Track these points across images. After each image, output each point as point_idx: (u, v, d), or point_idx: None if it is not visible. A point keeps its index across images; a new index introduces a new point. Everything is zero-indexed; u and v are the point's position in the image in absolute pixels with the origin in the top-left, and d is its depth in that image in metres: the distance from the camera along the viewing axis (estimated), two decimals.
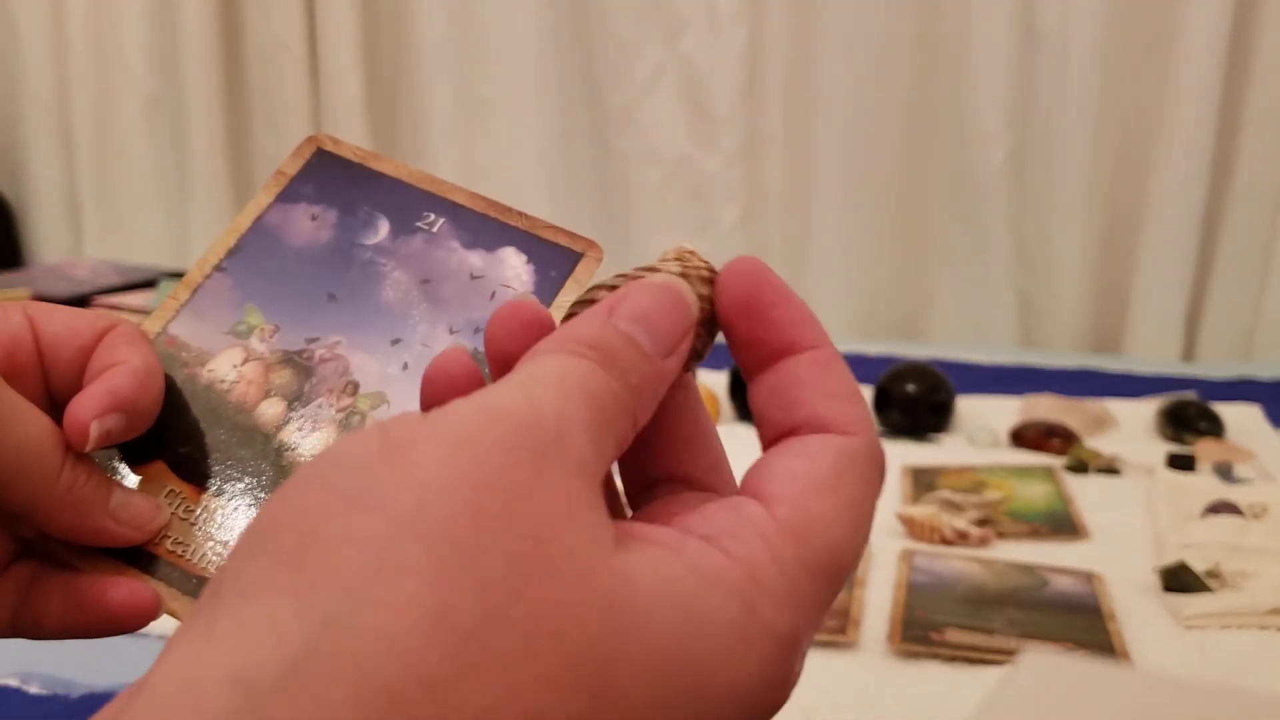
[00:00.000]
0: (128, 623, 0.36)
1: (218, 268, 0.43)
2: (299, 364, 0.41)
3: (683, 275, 0.30)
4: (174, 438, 0.39)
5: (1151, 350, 1.68)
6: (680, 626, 0.23)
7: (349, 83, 1.97)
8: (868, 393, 1.22)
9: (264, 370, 0.41)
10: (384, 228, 0.44)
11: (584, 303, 0.30)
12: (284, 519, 0.22)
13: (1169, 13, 1.62)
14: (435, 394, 0.29)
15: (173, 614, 0.36)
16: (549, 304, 0.41)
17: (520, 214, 0.46)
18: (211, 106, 2.05)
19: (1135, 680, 0.30)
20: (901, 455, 1.10)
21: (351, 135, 1.98)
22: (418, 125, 1.97)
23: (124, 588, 0.36)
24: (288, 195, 0.45)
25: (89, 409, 0.35)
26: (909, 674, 0.69)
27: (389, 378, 0.41)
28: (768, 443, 0.29)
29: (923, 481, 1.02)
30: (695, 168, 1.86)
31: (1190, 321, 1.71)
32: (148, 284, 1.51)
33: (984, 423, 1.17)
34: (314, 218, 0.44)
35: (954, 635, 0.72)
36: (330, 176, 0.45)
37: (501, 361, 0.29)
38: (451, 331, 0.42)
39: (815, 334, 0.30)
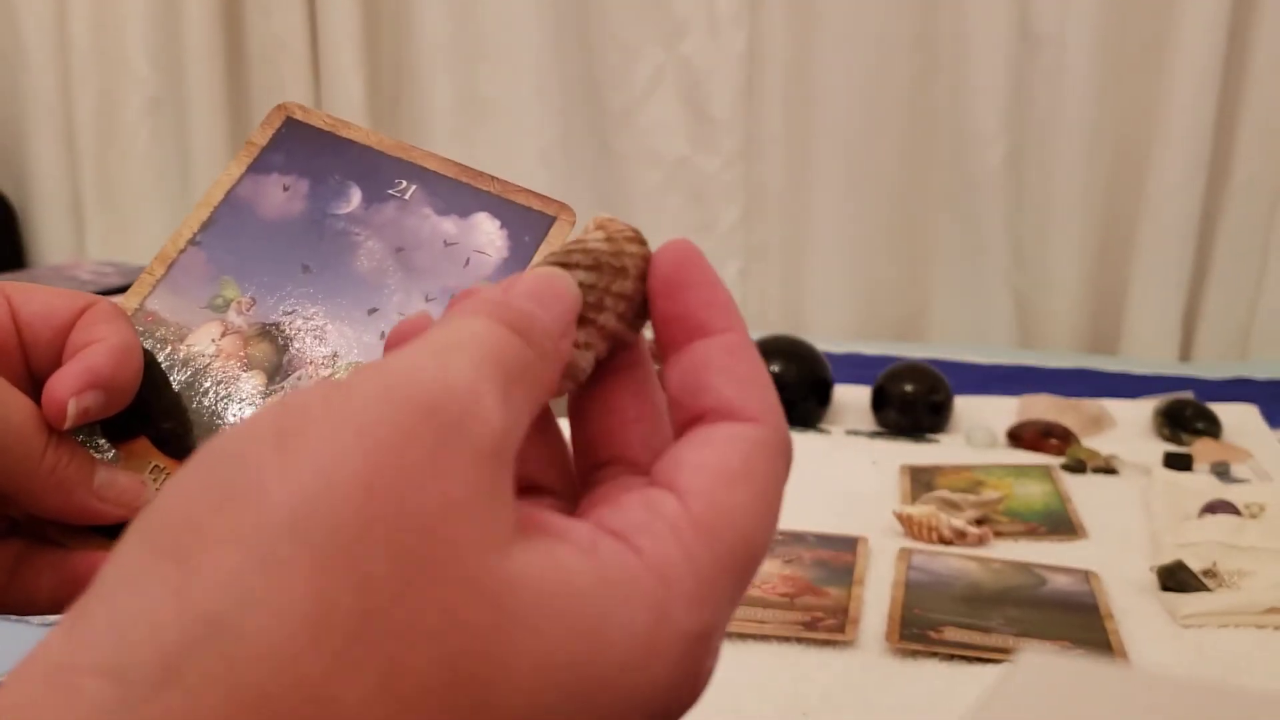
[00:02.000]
0: None
1: (192, 242, 0.43)
2: (276, 336, 0.41)
3: (608, 239, 0.30)
4: (156, 413, 0.39)
5: (1148, 350, 1.68)
6: (576, 634, 0.22)
7: (350, 83, 1.97)
8: (866, 392, 1.22)
9: (242, 343, 0.41)
10: (356, 196, 0.43)
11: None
12: (171, 510, 0.22)
13: (1165, 14, 1.62)
14: None
15: None
16: (524, 268, 0.40)
17: (492, 178, 0.46)
18: (214, 107, 2.06)
19: (1132, 679, 0.31)
20: (899, 455, 1.11)
21: None
22: (418, 126, 1.97)
23: None
24: (259, 166, 0.44)
25: (67, 386, 0.35)
26: (907, 672, 0.69)
27: (367, 346, 0.41)
28: (678, 425, 0.29)
29: (920, 481, 1.03)
30: (695, 169, 1.86)
31: (1187, 322, 1.71)
32: None
33: (981, 422, 1.18)
34: (286, 188, 0.44)
35: (952, 634, 0.73)
36: (301, 145, 0.44)
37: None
38: (427, 300, 0.41)
39: (730, 319, 0.30)
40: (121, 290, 1.35)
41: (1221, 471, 1.06)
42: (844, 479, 1.04)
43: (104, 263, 1.69)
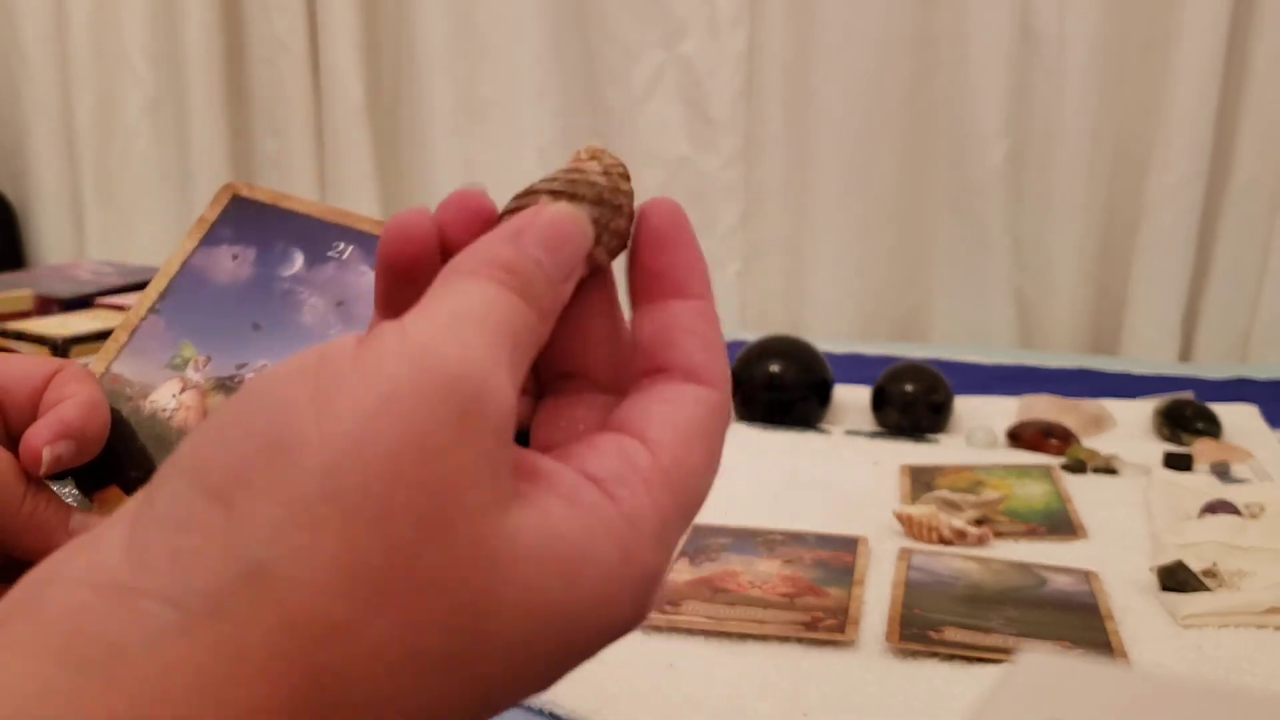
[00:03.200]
0: None
1: (152, 310, 0.48)
2: (231, 388, 0.47)
3: (604, 173, 0.33)
4: (125, 463, 0.44)
5: (1149, 351, 1.69)
6: (559, 578, 0.26)
7: (350, 84, 1.97)
8: (866, 392, 1.22)
9: (200, 397, 0.46)
10: (299, 259, 0.49)
11: (522, 200, 0.32)
12: (216, 453, 0.25)
13: (1166, 14, 1.62)
14: (392, 259, 0.31)
15: None
16: None
17: None
18: (213, 107, 2.06)
19: (1133, 679, 0.31)
20: (899, 455, 1.11)
21: (353, 136, 1.99)
22: (418, 126, 1.97)
23: None
24: (210, 239, 0.50)
25: (41, 436, 0.40)
26: (907, 672, 0.69)
27: None
28: (641, 370, 0.32)
29: (921, 481, 1.03)
30: (695, 169, 1.86)
31: (1187, 322, 1.71)
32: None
33: (982, 423, 1.18)
34: (235, 256, 0.49)
35: (952, 634, 0.73)
36: (247, 218, 0.49)
37: (450, 248, 0.31)
38: None
39: (704, 286, 0.33)
40: (120, 291, 1.34)
41: (1222, 472, 1.06)
42: (844, 479, 1.04)
43: (103, 262, 1.69)
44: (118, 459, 0.44)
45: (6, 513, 0.39)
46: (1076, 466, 1.07)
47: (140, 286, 1.51)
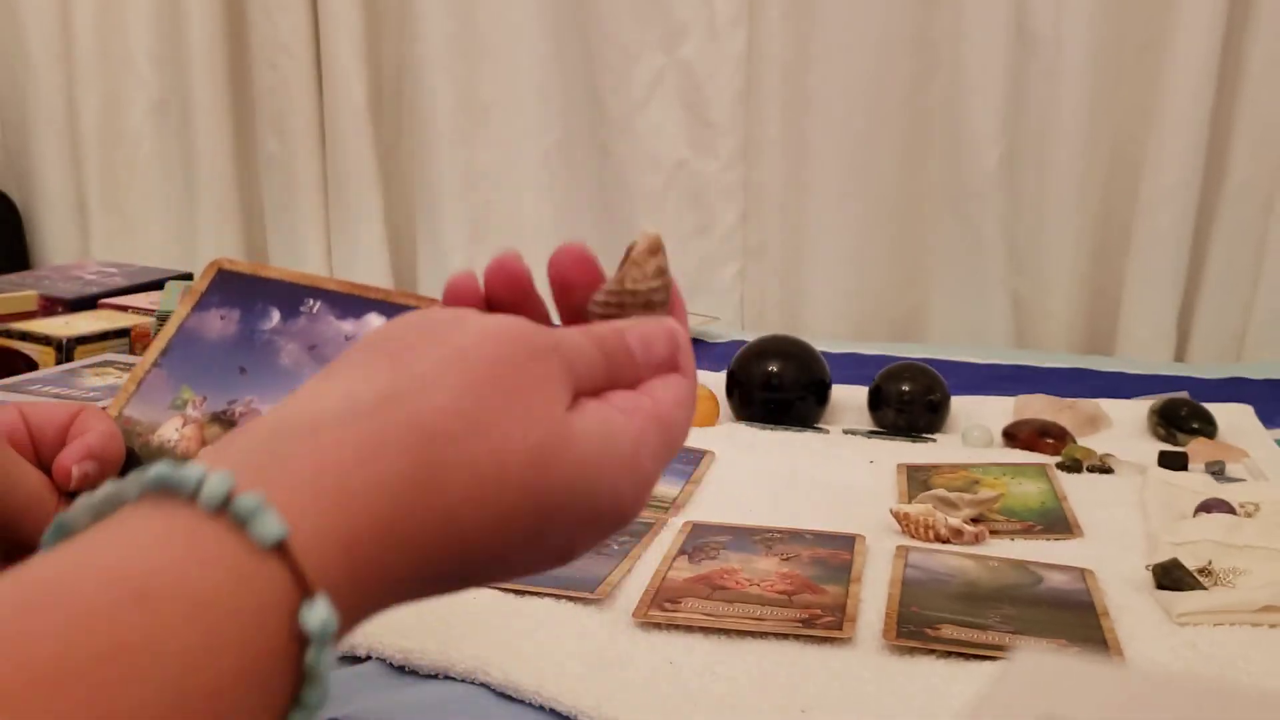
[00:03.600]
0: None
1: (155, 364, 0.61)
2: (224, 420, 0.59)
3: (656, 274, 0.44)
4: None
5: (1144, 351, 1.69)
6: (597, 454, 0.38)
7: (353, 86, 1.98)
8: (864, 392, 1.23)
9: (199, 429, 0.58)
10: (275, 315, 0.61)
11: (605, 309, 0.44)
12: (394, 336, 0.38)
13: (1161, 16, 1.63)
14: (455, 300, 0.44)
15: None
16: None
17: (377, 288, 0.64)
18: (217, 109, 2.06)
19: (1128, 676, 0.31)
20: (896, 454, 1.11)
21: (355, 138, 2.00)
22: (420, 129, 1.98)
23: None
24: (200, 306, 0.62)
25: (70, 457, 0.52)
26: (904, 669, 0.70)
27: None
28: (648, 367, 0.43)
29: (917, 479, 1.03)
30: (694, 171, 1.87)
31: (1182, 322, 1.72)
32: (154, 286, 1.52)
33: (978, 422, 1.18)
34: (222, 317, 0.61)
35: (948, 631, 0.73)
36: (231, 286, 0.61)
37: (562, 286, 0.44)
38: None
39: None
40: (125, 292, 1.34)
41: (1217, 471, 1.07)
42: (842, 478, 1.05)
43: (108, 263, 1.69)
44: None
45: (41, 523, 0.46)
46: (1072, 465, 1.07)
47: (144, 288, 1.51)
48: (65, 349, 1.22)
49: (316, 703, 0.31)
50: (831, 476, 1.05)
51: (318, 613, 0.30)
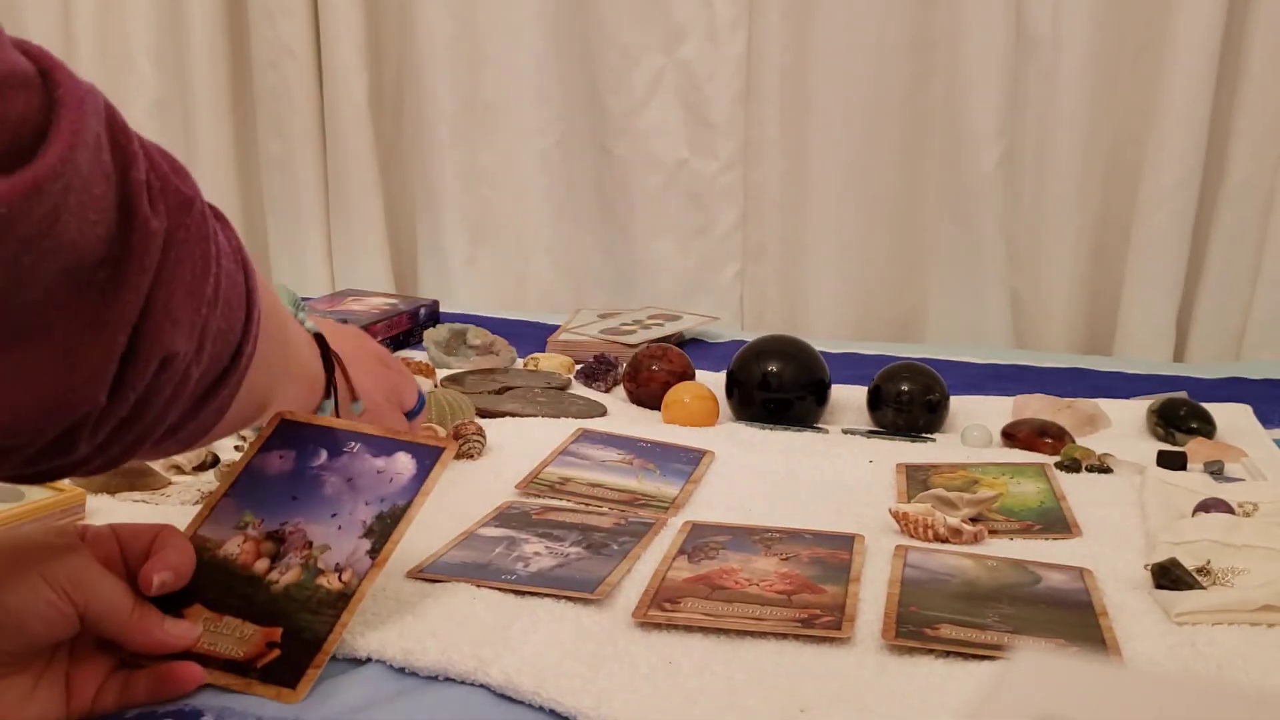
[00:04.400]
0: (189, 686, 0.65)
1: (226, 494, 0.75)
2: (276, 537, 0.72)
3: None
4: (204, 589, 0.69)
5: (1143, 350, 1.69)
6: (372, 350, 0.89)
7: (354, 87, 1.98)
8: (863, 392, 1.23)
9: (256, 545, 0.72)
10: (324, 454, 0.76)
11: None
12: (359, 347, 0.87)
13: (1160, 17, 1.63)
14: None
15: (211, 681, 0.66)
16: (424, 479, 0.74)
17: (406, 433, 0.83)
18: (218, 109, 2.06)
19: (1127, 676, 0.31)
20: (896, 453, 1.11)
21: (356, 139, 2.00)
22: (421, 129, 1.98)
23: (183, 668, 0.65)
24: (265, 448, 0.76)
25: (153, 568, 0.66)
26: (903, 669, 0.70)
27: (329, 534, 0.72)
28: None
29: (916, 479, 1.03)
30: (694, 172, 1.87)
31: (1181, 322, 1.72)
32: None
33: (977, 422, 1.18)
34: (280, 456, 0.76)
35: (947, 631, 0.73)
36: (290, 432, 0.77)
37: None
38: (365, 504, 0.73)
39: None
40: None
41: (1215, 470, 1.07)
42: (841, 477, 1.05)
43: None
44: (201, 587, 0.69)
45: (121, 621, 0.63)
46: (1071, 465, 1.07)
47: None
48: None
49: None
50: (831, 476, 1.05)
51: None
